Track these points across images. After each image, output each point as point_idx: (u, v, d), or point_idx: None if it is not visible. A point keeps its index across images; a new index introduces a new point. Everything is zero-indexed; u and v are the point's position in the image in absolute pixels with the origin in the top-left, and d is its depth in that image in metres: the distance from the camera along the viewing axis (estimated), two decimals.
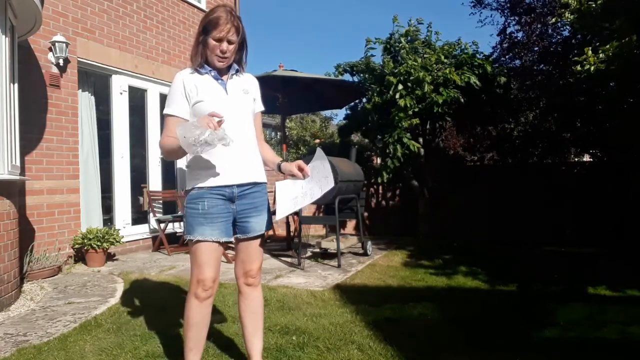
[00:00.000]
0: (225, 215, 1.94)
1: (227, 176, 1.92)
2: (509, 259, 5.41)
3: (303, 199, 1.96)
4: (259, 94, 2.13)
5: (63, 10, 5.09)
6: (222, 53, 1.91)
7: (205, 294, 1.92)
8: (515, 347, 2.55)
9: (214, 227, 1.90)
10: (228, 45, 1.91)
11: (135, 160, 6.21)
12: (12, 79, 3.84)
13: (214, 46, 1.91)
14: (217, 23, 1.88)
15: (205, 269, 1.90)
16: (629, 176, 6.15)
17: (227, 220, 1.95)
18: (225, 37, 1.89)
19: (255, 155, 2.02)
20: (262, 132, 2.19)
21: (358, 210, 5.50)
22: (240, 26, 1.94)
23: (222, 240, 1.92)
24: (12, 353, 2.49)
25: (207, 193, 1.90)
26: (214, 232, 1.89)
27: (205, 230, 1.88)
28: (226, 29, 1.88)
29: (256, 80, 2.14)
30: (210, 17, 1.91)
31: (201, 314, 1.94)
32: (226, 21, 1.88)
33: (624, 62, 4.01)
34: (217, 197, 1.91)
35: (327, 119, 17.61)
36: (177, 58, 6.76)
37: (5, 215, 3.50)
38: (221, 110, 1.91)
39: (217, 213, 1.91)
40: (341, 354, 2.43)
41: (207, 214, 1.89)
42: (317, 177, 1.95)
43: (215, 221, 1.90)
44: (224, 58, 1.93)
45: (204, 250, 1.90)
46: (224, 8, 1.93)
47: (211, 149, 1.73)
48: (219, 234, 1.91)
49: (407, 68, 6.15)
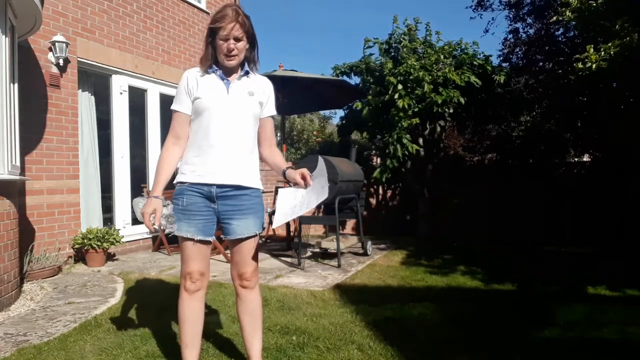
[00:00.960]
0: (204, 213, 1.94)
1: (207, 175, 1.93)
2: (508, 259, 5.42)
3: (300, 208, 1.95)
4: (271, 99, 2.09)
5: (63, 10, 5.09)
6: (229, 51, 1.91)
7: (194, 287, 1.95)
8: (515, 347, 2.55)
9: (191, 224, 1.91)
10: (235, 42, 1.91)
11: (135, 160, 6.20)
12: (12, 79, 3.84)
13: (221, 45, 1.92)
14: (223, 21, 1.89)
15: (190, 262, 1.95)
16: (629, 176, 6.15)
17: (208, 219, 1.95)
18: (231, 35, 1.89)
19: (246, 159, 1.98)
20: (273, 137, 2.16)
21: (358, 210, 5.50)
22: (247, 22, 1.93)
23: (197, 237, 1.92)
24: (12, 353, 2.49)
25: (187, 189, 1.94)
26: (191, 229, 1.91)
27: (182, 226, 1.91)
28: (230, 27, 1.88)
29: (270, 85, 2.10)
30: (216, 16, 1.92)
31: (192, 307, 1.96)
32: (231, 19, 1.88)
33: (626, 60, 4.01)
34: (196, 194, 1.93)
35: (326, 118, 17.60)
36: (177, 58, 6.76)
37: (5, 215, 3.50)
38: (216, 109, 1.92)
39: (196, 210, 1.92)
40: (341, 354, 2.43)
41: (185, 210, 1.92)
42: (317, 188, 1.96)
43: (192, 218, 1.92)
44: (232, 56, 1.93)
45: (187, 245, 1.94)
46: (230, 7, 1.93)
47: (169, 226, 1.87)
48: (195, 231, 1.92)
49: (407, 68, 6.15)
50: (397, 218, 7.91)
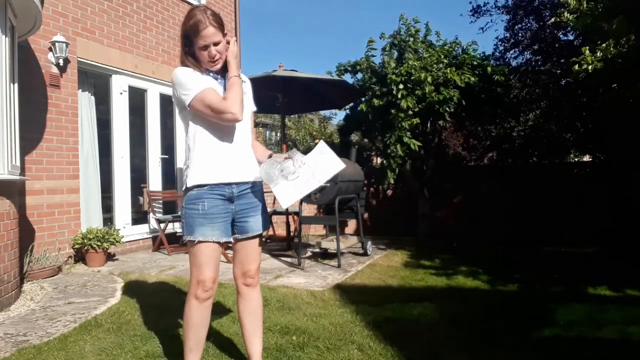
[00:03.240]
0: (224, 215, 1.93)
1: (228, 174, 1.91)
2: (508, 258, 5.42)
3: (306, 184, 1.94)
4: (251, 94, 2.12)
5: (63, 10, 5.09)
6: (212, 58, 1.89)
7: (205, 295, 1.91)
8: (516, 347, 2.55)
9: (214, 227, 1.89)
10: (215, 47, 1.88)
11: (135, 160, 6.20)
12: (12, 79, 3.84)
13: (202, 54, 1.89)
14: (197, 29, 1.84)
15: (205, 269, 1.89)
16: (629, 176, 6.15)
17: (227, 220, 1.95)
18: (210, 41, 1.86)
19: (251, 155, 2.03)
20: (254, 131, 2.20)
21: (358, 210, 5.50)
22: (219, 20, 1.89)
23: (222, 240, 1.91)
24: (12, 353, 2.49)
25: (207, 193, 1.89)
26: (215, 233, 1.89)
27: (206, 231, 1.87)
28: (206, 33, 1.84)
29: (248, 80, 2.13)
30: (188, 24, 1.87)
31: (201, 315, 1.93)
32: (205, 25, 1.84)
33: (622, 61, 4.01)
34: (217, 197, 1.91)
35: (326, 118, 17.57)
36: (177, 58, 6.73)
37: (5, 215, 3.50)
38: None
39: (217, 213, 1.91)
40: (341, 354, 2.43)
41: (208, 214, 1.88)
42: (316, 164, 1.96)
43: (215, 221, 1.90)
44: (215, 62, 1.91)
45: (204, 251, 1.89)
46: (199, 9, 1.88)
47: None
48: (219, 234, 1.90)
49: (408, 68, 6.16)
50: (397, 218, 7.91)
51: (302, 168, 1.96)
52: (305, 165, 1.97)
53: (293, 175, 1.94)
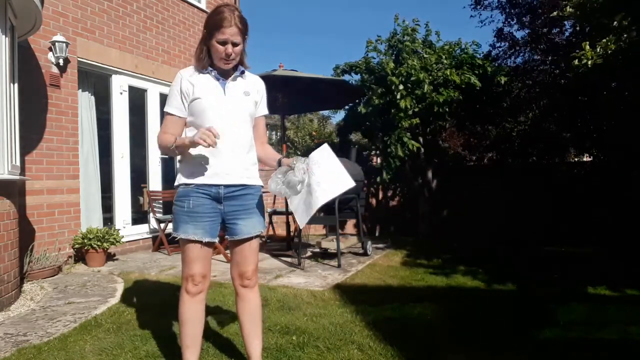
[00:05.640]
0: (211, 215, 1.93)
1: (215, 176, 1.91)
2: (509, 258, 5.42)
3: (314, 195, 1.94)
4: (264, 98, 2.10)
5: (63, 10, 5.09)
6: (227, 56, 1.89)
7: (196, 289, 1.94)
8: (516, 347, 2.55)
9: (198, 226, 1.90)
10: (233, 47, 1.89)
11: (135, 160, 6.20)
12: (12, 79, 3.84)
13: (218, 49, 1.89)
14: (221, 25, 1.85)
15: (193, 265, 1.93)
16: (629, 176, 6.15)
17: (213, 220, 1.94)
18: (230, 40, 1.86)
19: (248, 158, 2.00)
20: (265, 135, 2.18)
21: (358, 210, 5.50)
22: (244, 25, 1.90)
23: (205, 240, 1.91)
24: (12, 353, 2.49)
25: (193, 191, 1.91)
26: (197, 232, 1.90)
27: (189, 229, 1.89)
28: (229, 31, 1.85)
29: (263, 84, 2.11)
30: (215, 17, 1.88)
31: (194, 309, 1.96)
32: (230, 23, 1.85)
33: (623, 57, 4.01)
34: (203, 196, 1.91)
35: (325, 118, 17.57)
36: (177, 58, 6.75)
37: (5, 215, 3.50)
38: (216, 110, 1.91)
39: (203, 212, 1.91)
40: (341, 354, 2.43)
41: (192, 213, 1.90)
42: (322, 173, 1.94)
43: (199, 220, 1.90)
44: (229, 61, 1.91)
45: (191, 248, 1.92)
46: (228, 8, 1.89)
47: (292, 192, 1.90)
48: (202, 233, 1.90)
49: (407, 69, 6.16)
50: (397, 218, 7.91)
51: (307, 177, 1.94)
52: (308, 173, 1.94)
53: (300, 185, 1.92)
